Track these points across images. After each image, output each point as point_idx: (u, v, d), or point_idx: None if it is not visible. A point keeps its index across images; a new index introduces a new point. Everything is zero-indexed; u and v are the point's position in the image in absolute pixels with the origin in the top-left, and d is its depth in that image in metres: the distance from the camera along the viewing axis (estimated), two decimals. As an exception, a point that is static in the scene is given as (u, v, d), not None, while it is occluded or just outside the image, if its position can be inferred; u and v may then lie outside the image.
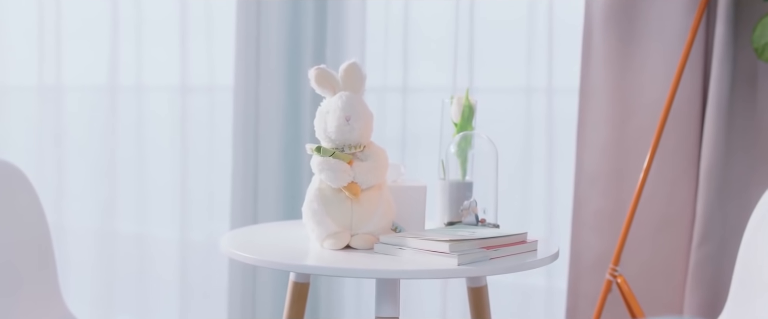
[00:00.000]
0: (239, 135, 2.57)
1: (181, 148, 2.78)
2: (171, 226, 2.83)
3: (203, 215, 2.80)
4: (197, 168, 2.79)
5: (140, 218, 2.88)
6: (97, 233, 2.93)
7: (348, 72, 1.42)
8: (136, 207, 2.89)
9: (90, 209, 2.96)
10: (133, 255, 2.90)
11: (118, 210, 2.91)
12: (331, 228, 1.39)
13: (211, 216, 2.79)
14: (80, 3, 2.96)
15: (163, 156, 2.85)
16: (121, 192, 2.91)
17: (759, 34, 1.86)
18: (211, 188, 2.78)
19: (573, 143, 2.21)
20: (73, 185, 3.00)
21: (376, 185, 1.41)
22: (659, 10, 2.08)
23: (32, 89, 3.02)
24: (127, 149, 2.89)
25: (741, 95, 2.02)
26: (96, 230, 2.93)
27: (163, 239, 2.87)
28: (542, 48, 2.28)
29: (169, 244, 2.85)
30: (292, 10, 2.49)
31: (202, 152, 2.79)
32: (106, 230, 2.91)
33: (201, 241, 2.80)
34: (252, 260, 1.33)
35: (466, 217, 1.54)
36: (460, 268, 1.27)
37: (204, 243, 2.79)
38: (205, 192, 2.79)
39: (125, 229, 2.92)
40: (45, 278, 1.65)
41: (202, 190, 2.79)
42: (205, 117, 2.78)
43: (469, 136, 1.60)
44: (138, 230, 2.89)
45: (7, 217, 1.58)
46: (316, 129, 1.42)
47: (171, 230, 2.84)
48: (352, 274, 1.32)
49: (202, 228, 2.80)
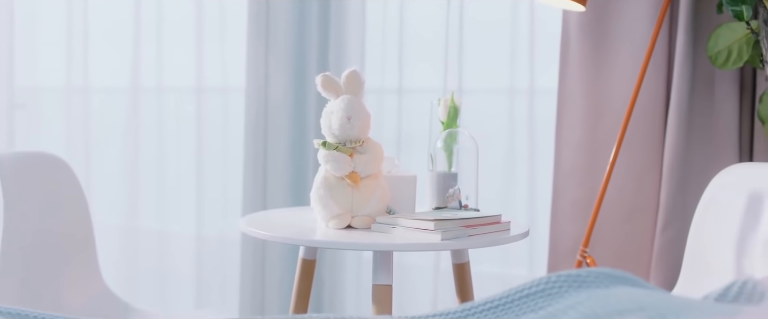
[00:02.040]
0: (250, 134, 2.79)
1: (197, 147, 2.98)
2: (188, 222, 3.03)
3: (217, 210, 3.00)
4: (212, 166, 2.99)
5: (161, 215, 3.08)
6: (121, 230, 3.11)
7: (349, 78, 1.66)
8: (157, 205, 3.08)
9: (115, 208, 3.12)
10: (153, 251, 3.09)
11: (141, 208, 3.10)
12: (334, 210, 1.63)
13: (224, 212, 3.00)
14: (105, 7, 3.15)
15: (182, 155, 3.05)
16: (143, 191, 3.10)
17: (713, 44, 2.11)
18: (224, 184, 2.98)
19: (552, 140, 2.45)
20: (99, 184, 3.16)
21: (373, 174, 1.65)
22: (628, 20, 2.32)
23: (61, 90, 3.20)
24: (149, 149, 3.08)
25: (700, 97, 2.26)
26: (120, 227, 3.11)
27: (181, 234, 3.06)
28: (525, 53, 2.53)
29: (186, 239, 3.03)
30: (297, 16, 2.73)
31: (216, 151, 3.00)
32: (130, 227, 3.10)
33: (215, 236, 2.99)
34: (267, 237, 1.58)
35: (450, 203, 1.78)
36: (443, 242, 1.51)
37: (217, 238, 2.99)
38: (219, 189, 2.99)
39: (147, 226, 3.10)
40: (87, 258, 1.90)
41: (216, 187, 2.99)
42: (219, 117, 2.99)
43: (454, 133, 1.85)
44: (159, 227, 3.08)
45: (55, 204, 1.83)
46: (322, 127, 1.67)
47: (188, 226, 3.03)
48: (352, 247, 1.57)
49: (216, 223, 3.00)
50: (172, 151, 3.09)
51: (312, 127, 2.70)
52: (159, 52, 3.06)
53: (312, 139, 2.67)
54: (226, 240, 2.97)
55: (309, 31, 2.71)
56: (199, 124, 2.99)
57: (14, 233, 1.66)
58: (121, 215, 3.13)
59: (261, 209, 2.77)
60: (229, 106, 2.98)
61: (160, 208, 3.10)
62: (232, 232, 2.94)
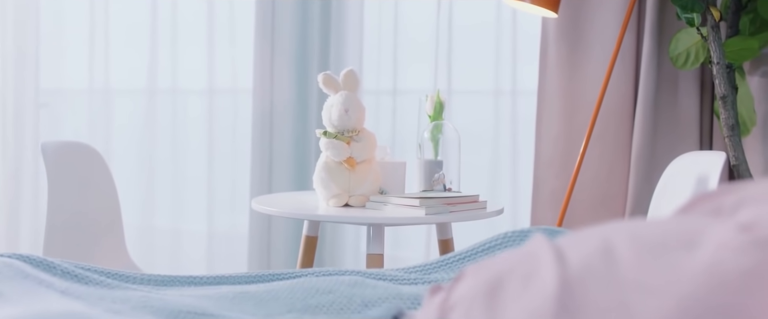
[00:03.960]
0: (257, 132, 3.02)
1: (209, 146, 3.20)
2: (199, 218, 3.23)
3: (226, 206, 3.21)
4: (222, 164, 3.19)
5: (176, 212, 3.29)
6: (138, 229, 3.29)
7: (347, 76, 1.92)
8: (172, 203, 3.29)
9: (132, 207, 3.28)
10: (167, 248, 3.29)
11: (157, 207, 3.29)
12: (334, 190, 1.88)
13: (232, 207, 3.21)
14: (124, 12, 3.34)
15: (195, 155, 3.24)
16: (159, 190, 3.30)
17: (674, 46, 2.35)
18: (234, 180, 3.19)
19: (532, 135, 2.70)
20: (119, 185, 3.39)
21: (368, 159, 1.91)
22: (599, 25, 2.57)
23: (84, 92, 3.39)
24: (165, 150, 3.27)
25: (664, 94, 2.51)
26: (137, 227, 3.28)
27: (193, 232, 3.26)
28: (508, 57, 2.78)
29: (198, 236, 3.22)
30: (300, 23, 2.98)
31: (226, 150, 3.21)
32: (145, 226, 3.29)
33: (224, 232, 3.20)
34: (276, 213, 1.83)
35: (436, 186, 2.03)
36: (427, 216, 1.76)
37: (227, 233, 3.20)
38: (229, 186, 3.20)
39: (162, 224, 3.30)
40: (115, 237, 2.15)
41: (226, 184, 3.20)
42: (229, 116, 3.21)
43: (440, 125, 2.10)
44: (173, 223, 3.28)
45: (88, 187, 2.08)
46: (323, 118, 1.92)
47: (199, 222, 3.23)
48: (349, 221, 1.82)
49: (225, 219, 3.21)
50: (186, 152, 3.27)
51: (312, 125, 2.95)
52: (174, 54, 3.26)
53: (313, 135, 2.91)
54: (235, 235, 3.17)
55: (311, 36, 2.96)
56: (210, 124, 3.20)
57: (56, 212, 1.92)
58: (137, 214, 3.30)
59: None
60: (238, 105, 3.20)
61: (175, 207, 3.29)
62: (241, 227, 3.14)
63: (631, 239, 0.65)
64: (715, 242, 0.61)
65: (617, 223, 0.72)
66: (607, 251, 0.64)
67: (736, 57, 2.14)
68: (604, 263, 0.63)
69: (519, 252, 0.72)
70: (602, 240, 0.66)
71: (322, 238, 2.82)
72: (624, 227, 0.69)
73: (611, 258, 0.63)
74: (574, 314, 0.60)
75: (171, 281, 1.26)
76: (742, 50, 2.11)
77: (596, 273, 0.63)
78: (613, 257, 0.64)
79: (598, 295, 0.61)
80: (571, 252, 0.67)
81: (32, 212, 3.37)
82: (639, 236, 0.66)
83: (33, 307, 0.99)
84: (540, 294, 0.63)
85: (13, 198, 3.38)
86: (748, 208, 0.66)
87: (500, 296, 0.67)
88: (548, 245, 0.68)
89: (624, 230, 0.68)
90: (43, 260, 1.22)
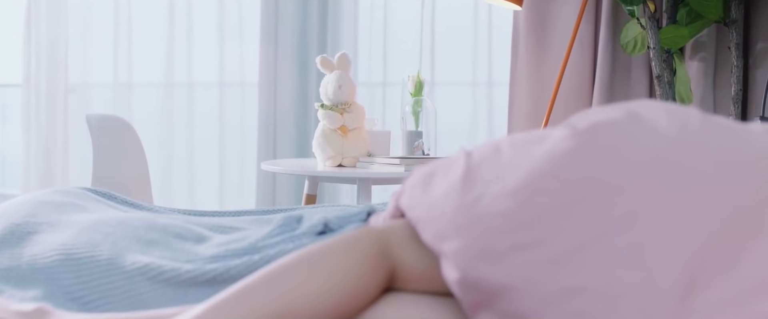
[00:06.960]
0: (263, 123, 3.34)
1: (220, 138, 3.50)
2: (211, 203, 3.55)
3: (234, 195, 3.53)
4: (232, 155, 3.51)
5: (191, 199, 3.60)
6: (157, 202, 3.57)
7: (340, 59, 2.30)
8: (188, 195, 3.60)
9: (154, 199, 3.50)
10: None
11: (174, 197, 3.59)
12: (329, 153, 2.27)
13: (241, 194, 3.52)
14: (144, 9, 3.60)
15: (208, 147, 3.53)
16: (175, 181, 3.59)
17: (624, 35, 2.73)
18: (241, 172, 3.51)
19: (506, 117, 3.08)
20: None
21: (358, 127, 2.29)
22: (562, 18, 2.95)
23: (108, 86, 3.68)
24: (180, 142, 3.55)
25: (619, 78, 2.88)
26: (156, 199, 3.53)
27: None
28: (484, 51, 3.17)
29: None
30: (300, 22, 3.36)
31: (235, 142, 3.51)
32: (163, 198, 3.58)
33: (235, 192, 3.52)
34: (282, 170, 2.21)
35: (416, 152, 2.41)
36: (406, 172, 2.14)
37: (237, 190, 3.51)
38: (237, 179, 3.51)
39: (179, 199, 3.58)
40: (146, 201, 2.52)
41: (234, 176, 3.51)
42: (237, 108, 3.53)
43: (420, 100, 2.48)
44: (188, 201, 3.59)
45: (122, 156, 2.46)
46: (321, 93, 2.30)
47: (211, 202, 3.55)
48: (342, 176, 2.20)
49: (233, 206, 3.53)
50: (200, 144, 3.55)
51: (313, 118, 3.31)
52: (189, 50, 3.56)
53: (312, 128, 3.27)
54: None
55: (310, 34, 3.34)
56: (221, 117, 3.50)
57: (100, 178, 2.29)
58: (156, 193, 3.54)
59: (271, 197, 3.35)
60: (246, 98, 3.53)
61: (190, 197, 3.60)
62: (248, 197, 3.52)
63: (511, 141, 1.03)
64: (554, 136, 0.99)
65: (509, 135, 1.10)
66: (496, 148, 1.02)
67: (670, 43, 2.51)
68: (492, 155, 1.01)
69: (446, 158, 1.10)
70: (495, 143, 1.05)
71: (321, 198, 3.21)
72: (510, 136, 1.07)
73: (497, 152, 1.01)
74: (471, 183, 0.98)
75: (209, 213, 1.62)
76: (675, 37, 2.49)
77: (487, 160, 1.00)
78: (499, 151, 1.02)
79: (486, 173, 0.98)
80: (475, 152, 1.05)
81: (62, 184, 3.73)
82: (516, 139, 1.04)
83: (108, 214, 1.37)
84: (453, 174, 1.00)
85: (47, 169, 3.74)
86: (586, 117, 1.04)
87: (431, 180, 1.05)
88: (464, 151, 1.06)
89: (509, 137, 1.06)
90: (107, 192, 1.59)
